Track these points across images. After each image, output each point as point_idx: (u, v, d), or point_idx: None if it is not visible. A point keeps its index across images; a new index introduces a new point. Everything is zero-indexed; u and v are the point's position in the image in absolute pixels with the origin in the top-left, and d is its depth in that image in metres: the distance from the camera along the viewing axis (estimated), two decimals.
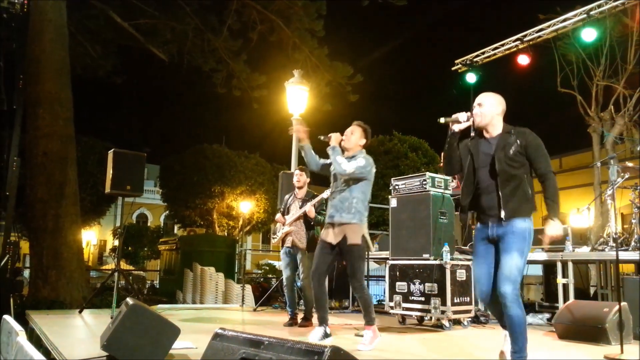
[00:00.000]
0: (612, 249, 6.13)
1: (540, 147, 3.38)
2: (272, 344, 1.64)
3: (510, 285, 3.17)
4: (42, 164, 8.14)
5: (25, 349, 2.74)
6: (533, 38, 10.67)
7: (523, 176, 3.33)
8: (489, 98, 3.50)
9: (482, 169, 3.42)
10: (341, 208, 4.37)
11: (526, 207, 3.32)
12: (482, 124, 3.46)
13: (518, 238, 3.26)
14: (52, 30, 8.52)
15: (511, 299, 3.17)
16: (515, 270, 3.20)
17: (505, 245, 3.29)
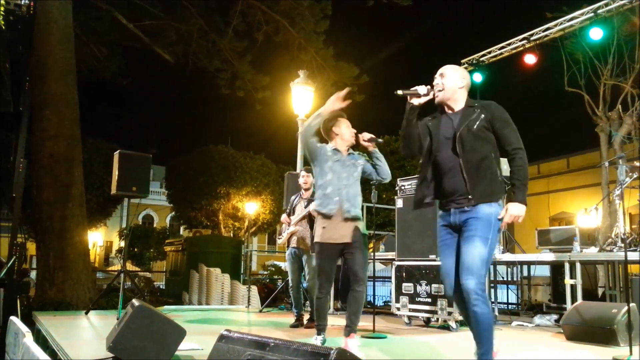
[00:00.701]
0: (620, 249, 6.08)
1: (508, 121, 3.05)
2: (277, 346, 1.62)
3: (472, 279, 2.81)
4: (49, 166, 8.17)
5: (31, 350, 2.74)
6: (540, 37, 10.61)
7: (490, 154, 3.00)
8: (452, 70, 3.20)
9: (444, 149, 3.07)
10: (355, 203, 4.21)
11: (496, 189, 2.99)
12: (444, 97, 3.14)
13: (482, 224, 2.90)
14: (58, 32, 8.55)
15: (475, 294, 2.80)
16: (479, 260, 2.83)
17: (468, 233, 2.93)
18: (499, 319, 6.66)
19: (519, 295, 8.55)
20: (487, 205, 2.94)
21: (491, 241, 2.90)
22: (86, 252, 8.63)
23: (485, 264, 2.86)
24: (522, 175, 2.96)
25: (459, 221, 3.01)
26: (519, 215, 2.91)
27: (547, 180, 23.51)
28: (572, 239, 6.67)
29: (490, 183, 2.97)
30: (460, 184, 2.98)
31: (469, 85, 3.20)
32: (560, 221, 21.13)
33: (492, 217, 2.93)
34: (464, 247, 2.91)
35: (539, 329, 6.15)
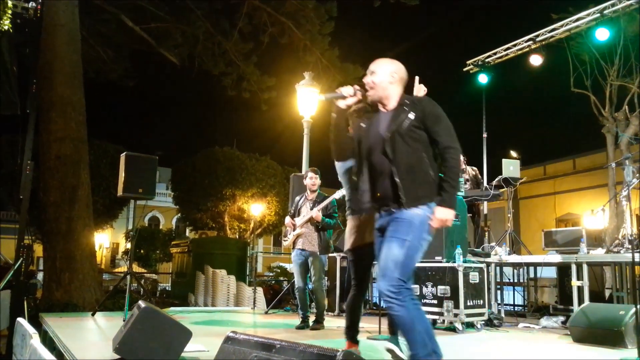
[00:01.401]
0: (627, 250, 6.05)
1: (440, 117, 2.88)
2: (283, 348, 1.62)
3: (384, 281, 2.66)
4: (55, 168, 8.21)
5: (38, 352, 2.75)
6: (545, 38, 10.57)
7: (422, 155, 2.83)
8: (383, 65, 3.02)
9: (375, 152, 2.91)
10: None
11: (426, 192, 2.81)
12: (375, 96, 2.98)
13: (402, 226, 2.76)
14: (65, 34, 8.60)
15: (388, 297, 2.65)
16: (391, 263, 2.68)
17: (386, 234, 2.82)
18: (506, 320, 6.63)
19: (525, 297, 8.52)
20: (413, 208, 2.79)
21: (411, 243, 2.73)
22: (92, 254, 8.66)
23: (400, 266, 2.68)
24: (451, 176, 2.80)
25: (384, 224, 2.90)
26: (446, 220, 2.77)
27: (554, 181, 23.43)
28: (579, 241, 6.64)
29: (421, 186, 2.81)
30: (391, 188, 2.83)
31: (403, 80, 3.04)
32: (567, 222, 21.05)
33: (415, 218, 2.77)
34: (383, 250, 2.80)
35: (545, 330, 6.12)
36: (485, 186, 8.62)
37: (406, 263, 2.69)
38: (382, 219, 2.92)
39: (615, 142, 13.60)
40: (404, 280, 2.67)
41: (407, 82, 3.08)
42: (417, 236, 2.75)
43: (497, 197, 8.35)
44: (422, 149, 2.83)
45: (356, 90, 2.99)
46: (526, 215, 23.42)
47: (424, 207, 2.78)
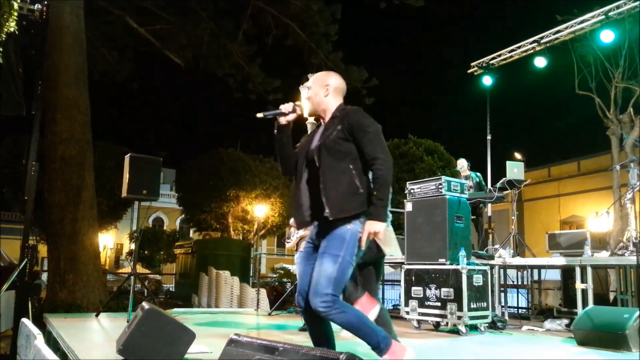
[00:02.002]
0: (632, 253, 6.02)
1: (367, 128, 2.86)
2: (286, 350, 1.63)
3: (317, 298, 2.68)
4: (60, 169, 8.24)
5: (42, 352, 2.76)
6: (550, 40, 10.55)
7: (348, 167, 2.81)
8: (316, 79, 3.05)
9: (309, 165, 2.95)
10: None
11: (354, 207, 2.80)
12: (311, 110, 3.02)
13: (334, 241, 2.78)
14: (70, 36, 8.63)
15: (324, 311, 2.67)
16: (324, 279, 2.69)
17: (320, 251, 2.83)
18: (509, 323, 6.62)
19: (529, 300, 8.50)
20: (344, 223, 2.79)
21: (343, 258, 2.74)
22: (97, 255, 8.68)
23: (333, 283, 2.69)
24: (378, 188, 2.78)
25: (317, 239, 2.92)
26: (376, 232, 2.75)
27: (558, 183, 23.38)
28: (583, 243, 6.63)
29: (346, 198, 2.80)
30: (318, 199, 2.84)
31: (338, 89, 3.04)
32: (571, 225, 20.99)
33: (347, 234, 2.78)
34: (316, 265, 2.79)
35: (549, 333, 6.11)
36: (489, 188, 8.62)
37: (339, 278, 2.72)
38: (313, 231, 2.96)
39: (620, 144, 13.57)
40: (336, 295, 2.70)
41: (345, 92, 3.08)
42: (349, 252, 2.76)
43: (501, 199, 8.35)
44: (349, 161, 2.83)
45: (295, 106, 2.97)
46: (530, 218, 23.37)
47: (355, 222, 2.80)
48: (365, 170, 2.86)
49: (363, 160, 2.85)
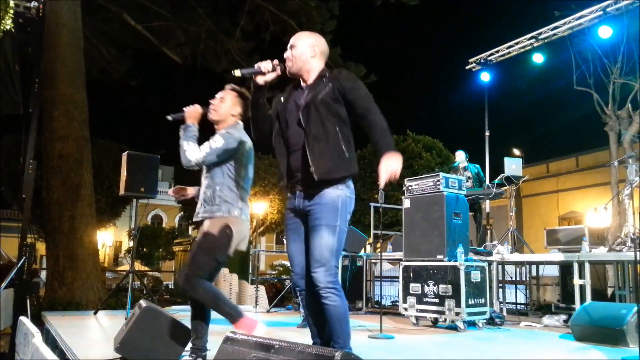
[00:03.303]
0: (630, 249, 6.04)
1: (359, 87, 2.74)
2: (282, 348, 1.63)
3: (321, 269, 2.57)
4: (58, 167, 8.23)
5: (40, 351, 2.76)
6: (548, 36, 10.55)
7: (335, 128, 2.69)
8: (303, 38, 2.90)
9: (292, 125, 2.80)
10: (205, 200, 3.41)
11: (341, 168, 2.66)
12: (294, 69, 2.84)
13: (327, 210, 2.64)
14: (67, 33, 8.62)
15: (325, 286, 2.57)
16: (326, 251, 2.59)
17: (313, 222, 2.67)
18: (508, 319, 6.63)
19: (527, 296, 8.51)
20: (332, 189, 2.66)
21: (340, 228, 2.65)
22: (95, 252, 8.69)
23: (335, 254, 2.62)
24: (378, 130, 2.61)
25: (303, 206, 2.74)
26: (395, 168, 2.53)
27: (557, 179, 23.40)
28: (581, 239, 6.64)
29: (334, 160, 2.65)
30: (303, 161, 2.68)
31: (324, 54, 2.91)
32: (570, 220, 21.01)
33: (339, 201, 2.66)
34: (311, 237, 2.66)
35: (547, 329, 6.12)
36: (487, 184, 8.62)
37: (338, 249, 2.65)
38: (297, 200, 2.77)
39: (618, 140, 13.58)
40: (337, 266, 2.65)
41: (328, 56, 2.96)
42: (344, 220, 2.68)
43: (500, 195, 8.35)
44: (337, 123, 2.70)
45: (275, 65, 2.80)
46: (529, 214, 23.40)
47: (341, 187, 2.69)
48: (350, 137, 2.74)
49: (348, 127, 2.75)
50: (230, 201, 3.29)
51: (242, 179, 3.36)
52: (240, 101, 3.43)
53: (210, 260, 3.21)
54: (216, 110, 3.43)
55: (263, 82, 2.80)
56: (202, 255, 3.22)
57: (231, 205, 3.29)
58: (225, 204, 3.29)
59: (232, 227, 3.24)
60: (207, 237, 3.24)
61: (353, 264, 8.00)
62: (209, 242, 3.24)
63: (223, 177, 3.33)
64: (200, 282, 3.15)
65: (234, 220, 3.27)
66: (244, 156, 3.37)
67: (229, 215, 3.27)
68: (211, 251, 3.22)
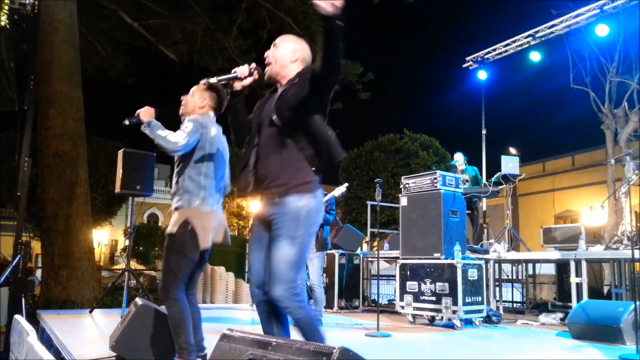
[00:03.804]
0: (626, 247, 6.04)
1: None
2: (280, 345, 1.61)
3: (279, 286, 2.42)
4: (53, 164, 8.19)
5: (35, 349, 2.73)
6: (545, 34, 10.56)
7: (301, 131, 2.55)
8: (287, 41, 2.80)
9: (263, 130, 2.68)
10: (173, 192, 3.31)
11: (308, 175, 2.53)
12: (273, 71, 2.73)
13: (289, 220, 2.49)
14: (63, 31, 8.57)
15: (287, 303, 2.43)
16: (285, 264, 2.44)
17: (274, 232, 2.53)
18: (504, 317, 6.64)
19: (524, 294, 8.52)
20: (296, 197, 2.51)
21: (301, 239, 2.49)
22: (91, 251, 8.65)
23: (294, 266, 2.46)
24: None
25: (267, 215, 2.61)
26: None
27: (553, 178, 23.43)
28: (578, 237, 6.64)
29: (302, 166, 2.53)
30: (271, 167, 2.57)
31: (305, 61, 2.75)
32: (566, 219, 21.06)
33: (302, 211, 2.50)
34: (272, 249, 2.53)
35: (544, 327, 6.12)
36: (484, 183, 8.63)
37: (299, 262, 2.49)
38: (264, 208, 2.65)
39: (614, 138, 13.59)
40: (299, 280, 2.49)
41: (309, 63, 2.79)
42: (307, 231, 2.52)
43: (497, 193, 8.35)
44: (308, 126, 2.57)
45: (252, 69, 2.71)
46: (525, 212, 23.43)
47: (306, 196, 2.52)
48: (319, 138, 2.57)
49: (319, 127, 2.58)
50: (191, 191, 3.18)
51: (206, 166, 3.24)
52: (209, 93, 3.37)
53: (181, 259, 3.10)
54: (184, 104, 3.39)
55: (240, 86, 2.73)
56: (171, 256, 3.12)
57: (192, 196, 3.17)
58: (186, 193, 3.18)
59: (193, 220, 3.11)
60: (170, 237, 3.15)
61: (350, 262, 8.00)
62: (173, 242, 3.13)
63: (185, 167, 3.24)
64: (178, 295, 3.08)
65: (194, 212, 3.14)
66: (208, 143, 3.26)
67: (189, 207, 3.15)
68: (178, 250, 3.10)
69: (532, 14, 25.08)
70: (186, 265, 3.12)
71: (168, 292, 3.06)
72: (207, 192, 3.21)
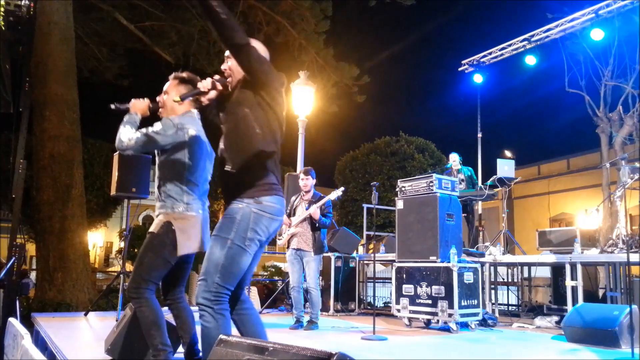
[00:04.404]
0: (621, 250, 6.06)
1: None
2: (276, 350, 1.60)
3: (203, 286, 2.35)
4: (49, 166, 8.16)
5: (29, 352, 2.72)
6: (540, 38, 10.60)
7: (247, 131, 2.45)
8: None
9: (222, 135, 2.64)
10: (157, 197, 3.19)
11: (253, 182, 2.45)
12: (234, 82, 2.64)
13: (224, 222, 2.43)
14: (59, 32, 8.55)
15: (203, 304, 2.35)
16: (210, 264, 2.37)
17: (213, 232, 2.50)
18: (500, 320, 6.64)
19: (519, 297, 8.54)
20: (237, 202, 2.45)
21: (233, 243, 2.38)
22: (86, 253, 8.62)
23: (221, 270, 2.35)
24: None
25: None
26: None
27: (548, 181, 23.49)
28: (573, 240, 6.66)
29: (247, 173, 2.46)
30: (225, 177, 2.53)
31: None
32: (561, 222, 21.12)
33: (239, 214, 2.42)
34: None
35: (539, 330, 6.13)
36: (479, 186, 8.64)
37: (227, 266, 2.37)
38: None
39: (609, 142, 13.66)
40: (226, 286, 2.37)
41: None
42: (240, 235, 2.40)
43: (492, 196, 8.37)
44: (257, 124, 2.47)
45: (215, 81, 2.65)
46: (520, 215, 23.48)
47: (248, 201, 2.43)
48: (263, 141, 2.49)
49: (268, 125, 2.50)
50: (174, 196, 3.08)
51: (189, 171, 3.11)
52: (184, 86, 3.22)
53: (157, 259, 3.00)
54: (162, 105, 3.24)
55: (207, 100, 2.67)
56: (148, 254, 3.03)
57: (175, 201, 3.08)
58: (169, 199, 3.09)
59: (175, 223, 3.03)
60: (151, 236, 3.07)
61: (346, 265, 7.99)
62: (152, 240, 3.05)
63: (167, 170, 3.13)
64: (148, 295, 2.99)
65: (177, 216, 3.06)
66: (188, 144, 3.08)
67: (173, 212, 3.07)
68: (157, 249, 3.01)
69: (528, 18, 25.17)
70: (161, 266, 3.04)
71: (139, 291, 2.97)
72: (190, 196, 3.11)
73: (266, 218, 2.45)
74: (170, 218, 3.05)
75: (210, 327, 2.32)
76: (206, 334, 2.33)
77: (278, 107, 2.57)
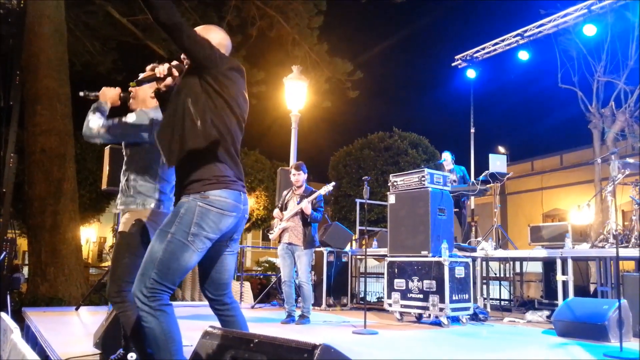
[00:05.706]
0: (612, 245, 6.10)
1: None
2: (261, 342, 1.61)
3: (139, 282, 2.22)
4: (41, 161, 8.13)
5: (18, 347, 2.70)
6: (533, 33, 10.62)
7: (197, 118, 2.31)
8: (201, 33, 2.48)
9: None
10: (121, 190, 3.09)
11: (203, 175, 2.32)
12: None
13: (169, 216, 2.33)
14: (50, 26, 8.49)
15: (140, 301, 2.20)
16: (149, 257, 2.26)
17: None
18: (491, 315, 6.68)
19: (511, 292, 8.58)
20: (184, 197, 2.34)
21: (173, 237, 2.25)
22: (78, 248, 8.60)
23: (158, 264, 2.22)
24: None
25: None
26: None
27: (541, 177, 23.57)
28: (564, 236, 6.70)
29: (192, 167, 2.34)
30: (176, 171, 2.45)
31: (222, 45, 2.49)
32: (554, 218, 21.20)
33: (183, 207, 2.29)
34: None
35: (530, 325, 6.17)
36: (472, 181, 8.66)
37: (166, 262, 2.23)
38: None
39: (601, 138, 13.71)
40: (164, 283, 2.24)
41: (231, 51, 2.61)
42: (182, 230, 2.25)
43: (484, 192, 8.39)
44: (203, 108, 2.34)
45: (172, 67, 2.53)
46: (513, 211, 23.56)
47: (195, 196, 2.30)
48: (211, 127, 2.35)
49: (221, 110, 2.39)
50: (145, 192, 2.95)
51: (161, 167, 2.99)
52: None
53: (137, 259, 2.75)
54: (133, 96, 3.09)
55: (164, 87, 2.55)
56: (125, 254, 2.87)
57: (146, 197, 2.95)
58: (140, 195, 2.96)
59: (147, 222, 2.92)
60: (123, 235, 2.93)
61: (338, 259, 8.00)
62: (127, 240, 2.91)
63: (138, 165, 3.00)
64: (131, 298, 2.71)
65: (149, 213, 2.94)
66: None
67: (144, 208, 2.93)
68: (133, 249, 2.87)
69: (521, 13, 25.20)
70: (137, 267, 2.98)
71: (121, 294, 2.83)
72: (163, 194, 3.01)
73: (214, 213, 2.31)
74: (141, 215, 2.93)
75: (152, 326, 2.19)
76: (151, 335, 2.20)
77: (227, 93, 2.40)
